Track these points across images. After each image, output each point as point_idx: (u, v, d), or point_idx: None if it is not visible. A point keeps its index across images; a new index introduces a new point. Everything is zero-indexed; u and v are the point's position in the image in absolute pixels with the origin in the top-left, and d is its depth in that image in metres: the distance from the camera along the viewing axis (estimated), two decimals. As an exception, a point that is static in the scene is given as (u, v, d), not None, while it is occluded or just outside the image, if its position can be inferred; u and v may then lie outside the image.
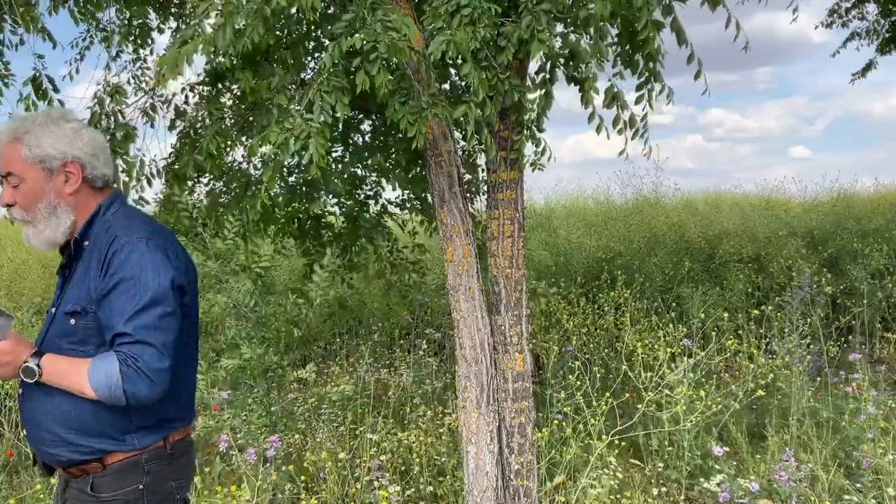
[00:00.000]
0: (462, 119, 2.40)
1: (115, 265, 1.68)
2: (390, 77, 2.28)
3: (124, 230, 1.74)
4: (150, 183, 3.29)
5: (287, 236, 4.08)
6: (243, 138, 3.54)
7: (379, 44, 2.18)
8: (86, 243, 1.79)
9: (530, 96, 2.66)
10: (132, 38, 3.57)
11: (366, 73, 2.24)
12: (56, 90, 3.09)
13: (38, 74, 3.05)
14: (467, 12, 2.26)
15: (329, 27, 3.02)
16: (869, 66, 8.46)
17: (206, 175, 3.76)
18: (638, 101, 2.67)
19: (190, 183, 3.74)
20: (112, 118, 3.06)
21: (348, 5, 2.37)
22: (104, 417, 1.71)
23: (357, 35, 2.21)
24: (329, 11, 3.17)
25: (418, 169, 3.85)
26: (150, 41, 3.70)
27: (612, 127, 2.62)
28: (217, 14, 2.25)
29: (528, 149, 2.81)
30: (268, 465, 3.45)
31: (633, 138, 2.63)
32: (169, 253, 1.75)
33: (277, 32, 3.03)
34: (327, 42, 3.27)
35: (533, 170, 3.25)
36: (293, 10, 2.25)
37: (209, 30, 2.28)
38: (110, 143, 2.98)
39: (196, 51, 2.22)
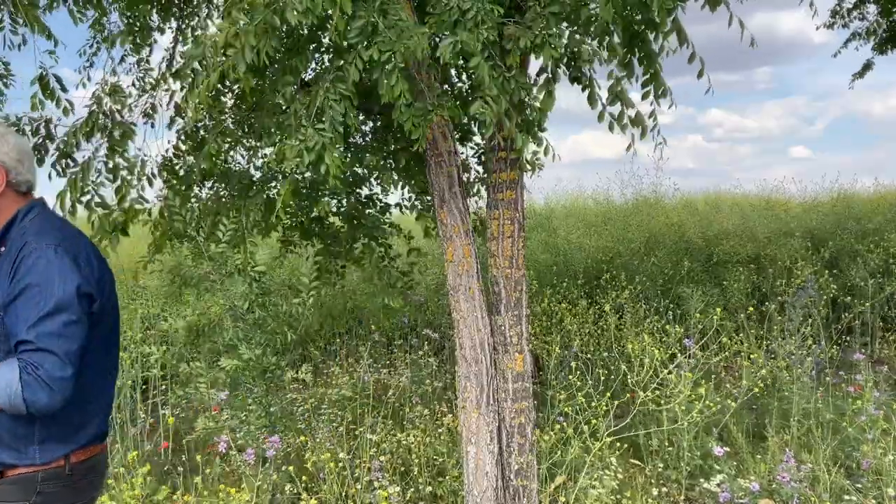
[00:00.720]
0: (479, 115, 2.36)
1: (21, 271, 1.67)
2: (407, 86, 2.27)
3: (35, 236, 1.73)
4: (150, 183, 3.28)
5: (293, 235, 4.06)
6: (244, 139, 3.53)
7: (395, 54, 2.18)
8: (2, 249, 1.78)
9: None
10: (133, 38, 3.56)
11: (386, 82, 2.24)
12: (64, 89, 3.04)
13: (44, 73, 3.01)
14: (471, 16, 2.26)
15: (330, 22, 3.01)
16: (868, 67, 8.47)
17: (210, 178, 3.73)
18: (644, 97, 2.68)
19: (196, 188, 3.72)
20: (110, 117, 3.05)
21: (356, 9, 2.36)
22: (8, 426, 1.70)
23: (374, 47, 2.21)
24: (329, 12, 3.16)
25: (418, 170, 3.85)
26: (153, 41, 3.69)
27: (617, 124, 2.63)
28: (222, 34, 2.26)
29: (530, 148, 2.81)
30: (267, 465, 3.45)
31: (642, 137, 2.63)
32: (79, 261, 1.73)
33: (279, 33, 3.02)
34: (327, 41, 3.26)
35: (532, 171, 3.23)
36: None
37: (213, 29, 2.29)
38: (108, 142, 2.98)
39: (218, 81, 2.25)
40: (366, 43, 2.24)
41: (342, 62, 2.31)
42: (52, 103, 2.99)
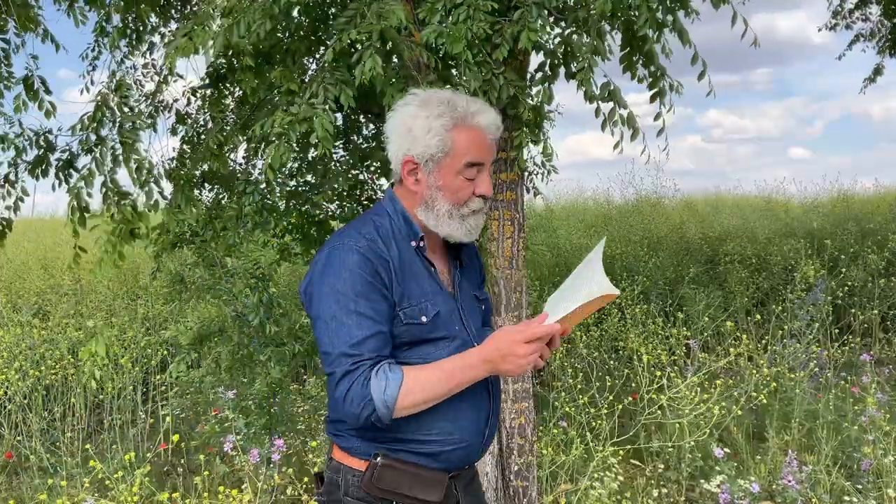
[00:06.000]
0: None
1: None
2: (381, 65, 2.26)
3: None
4: (158, 184, 3.27)
5: (291, 239, 4.04)
6: (245, 138, 3.54)
7: (373, 34, 2.19)
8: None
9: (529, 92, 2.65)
10: (129, 38, 3.56)
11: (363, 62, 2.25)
12: (48, 91, 3.04)
13: (30, 74, 3.02)
14: (463, 9, 2.26)
15: (330, 22, 3.03)
16: (879, 71, 8.13)
17: (212, 181, 3.73)
18: (653, 99, 2.65)
19: (196, 191, 3.72)
20: (116, 111, 3.04)
21: (349, 3, 2.37)
22: None
23: (355, 29, 2.22)
24: (331, 12, 3.17)
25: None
26: (148, 41, 3.70)
27: (608, 121, 2.60)
28: (221, 13, 2.27)
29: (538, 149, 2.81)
30: (271, 466, 3.45)
31: (632, 139, 2.61)
32: None
33: (279, 34, 3.03)
34: (328, 39, 3.27)
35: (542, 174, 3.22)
36: (295, 12, 2.26)
37: (215, 26, 2.30)
38: (119, 135, 2.96)
39: (211, 40, 2.26)
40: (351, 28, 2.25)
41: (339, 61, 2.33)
42: (34, 105, 2.97)
